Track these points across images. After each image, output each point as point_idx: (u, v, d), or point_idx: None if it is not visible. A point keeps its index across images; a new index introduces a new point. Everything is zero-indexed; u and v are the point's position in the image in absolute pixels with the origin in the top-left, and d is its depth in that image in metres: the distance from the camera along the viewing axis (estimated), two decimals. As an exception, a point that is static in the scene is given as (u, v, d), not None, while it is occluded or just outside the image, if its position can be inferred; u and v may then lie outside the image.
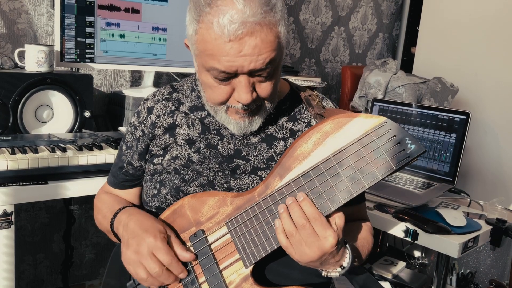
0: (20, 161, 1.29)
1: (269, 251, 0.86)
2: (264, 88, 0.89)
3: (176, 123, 1.02)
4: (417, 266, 2.17)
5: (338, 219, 0.82)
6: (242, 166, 0.97)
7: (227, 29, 0.80)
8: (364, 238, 1.00)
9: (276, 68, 0.89)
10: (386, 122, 0.81)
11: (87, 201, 2.11)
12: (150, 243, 0.86)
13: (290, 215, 0.81)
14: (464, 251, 1.39)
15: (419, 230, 1.42)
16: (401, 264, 2.07)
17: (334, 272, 0.86)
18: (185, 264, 0.90)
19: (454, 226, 1.45)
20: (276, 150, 0.98)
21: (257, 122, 0.94)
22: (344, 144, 0.82)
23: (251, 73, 0.85)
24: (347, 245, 0.86)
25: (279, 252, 0.88)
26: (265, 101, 0.92)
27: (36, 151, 1.35)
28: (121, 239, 0.94)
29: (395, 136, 0.80)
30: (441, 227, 1.42)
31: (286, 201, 0.83)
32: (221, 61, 0.83)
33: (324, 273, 0.87)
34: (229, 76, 0.86)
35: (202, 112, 1.02)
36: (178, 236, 0.92)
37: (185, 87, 1.07)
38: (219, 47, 0.82)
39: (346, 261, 0.85)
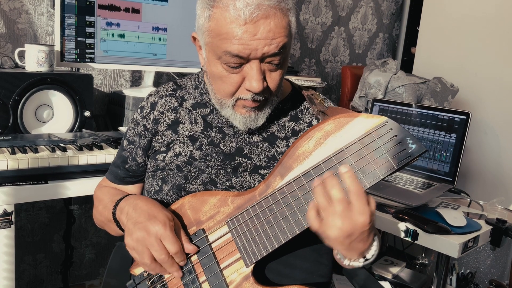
0: (20, 161, 1.29)
1: (270, 250, 0.86)
2: (274, 78, 0.90)
3: (179, 120, 1.03)
4: (417, 266, 2.17)
5: (372, 202, 0.80)
6: (244, 164, 0.97)
7: (244, 12, 0.82)
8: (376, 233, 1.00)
9: (286, 57, 0.90)
10: (387, 122, 0.81)
11: (87, 201, 2.11)
12: (159, 230, 0.86)
13: (325, 184, 0.79)
14: (464, 251, 1.39)
15: (419, 230, 1.42)
16: (401, 264, 2.07)
17: (357, 262, 0.84)
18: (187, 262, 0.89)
19: (454, 226, 1.45)
20: (278, 149, 0.99)
21: (262, 117, 0.95)
22: (345, 144, 0.82)
23: (263, 59, 0.86)
24: (376, 238, 0.84)
25: (280, 252, 0.88)
26: (272, 93, 0.92)
27: (36, 151, 1.35)
28: (125, 221, 0.92)
29: (396, 135, 0.80)
30: (441, 227, 1.42)
31: (324, 175, 0.80)
32: (234, 44, 0.84)
33: (346, 262, 0.85)
34: (241, 62, 0.86)
35: (205, 109, 1.02)
36: (184, 230, 0.92)
37: (188, 84, 1.08)
38: (233, 30, 0.83)
39: (371, 253, 0.84)
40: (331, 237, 0.79)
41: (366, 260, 0.85)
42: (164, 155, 1.01)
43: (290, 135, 1.00)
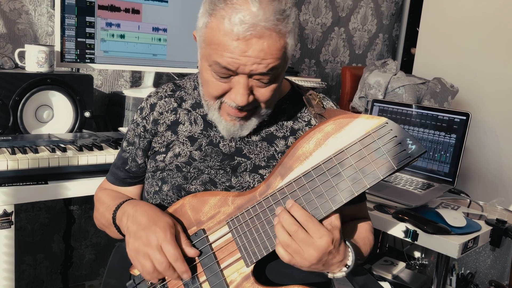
0: (20, 161, 1.29)
1: (270, 250, 0.86)
2: (263, 94, 0.89)
3: (179, 120, 1.03)
4: (417, 267, 2.17)
5: (334, 219, 0.83)
6: (243, 164, 0.98)
7: (237, 28, 0.81)
8: (366, 237, 1.00)
9: (277, 76, 0.89)
10: (387, 123, 0.82)
11: (87, 201, 2.11)
12: (159, 237, 0.86)
13: (283, 226, 0.82)
14: (464, 252, 1.39)
15: (419, 231, 1.43)
16: (401, 265, 2.07)
17: (340, 273, 0.87)
18: (188, 262, 0.90)
19: (454, 226, 1.45)
20: (277, 149, 0.99)
21: (247, 128, 0.95)
22: (346, 145, 0.83)
23: (251, 75, 0.86)
24: (348, 244, 0.87)
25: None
26: (262, 105, 0.92)
27: (36, 151, 1.35)
28: (125, 229, 0.93)
29: (396, 136, 0.81)
30: (441, 228, 1.42)
31: (276, 211, 0.84)
32: (224, 57, 0.84)
33: (330, 275, 0.87)
34: (229, 74, 0.86)
35: (204, 109, 1.02)
36: (185, 230, 0.92)
37: (187, 85, 1.08)
38: (225, 43, 0.83)
39: (350, 260, 0.86)
40: (305, 268, 0.84)
41: (348, 267, 0.86)
42: (164, 155, 1.02)
43: (289, 134, 1.00)
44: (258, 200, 0.88)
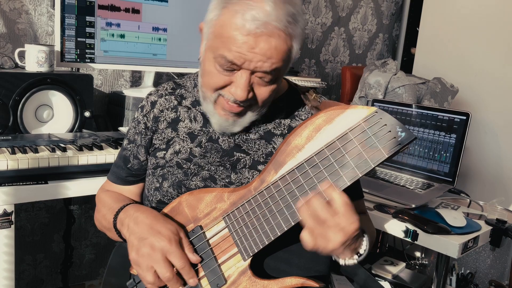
0: (20, 161, 1.29)
1: (267, 243, 0.87)
2: (261, 93, 0.91)
3: (179, 118, 1.04)
4: (417, 267, 2.17)
5: (347, 201, 0.81)
6: (242, 160, 0.99)
7: (249, 24, 0.82)
8: (369, 227, 1.02)
9: (278, 78, 0.91)
10: (377, 112, 0.83)
11: (87, 201, 2.12)
12: (164, 247, 0.86)
13: (310, 206, 0.80)
14: (464, 252, 1.39)
15: (419, 231, 1.42)
16: (401, 265, 2.07)
17: (352, 260, 0.87)
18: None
19: (454, 226, 1.45)
20: (275, 146, 1.00)
21: (240, 125, 0.95)
22: (337, 135, 0.84)
23: (253, 72, 0.87)
24: (365, 232, 0.87)
25: (277, 248, 0.89)
26: (259, 103, 0.93)
27: (36, 151, 1.35)
28: (127, 237, 0.93)
29: (385, 125, 0.82)
30: (441, 228, 1.42)
31: (308, 196, 0.82)
32: (232, 51, 0.85)
33: (342, 262, 0.87)
34: (233, 68, 0.87)
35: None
36: (183, 227, 0.92)
37: (187, 83, 1.09)
38: (235, 37, 0.84)
39: (363, 248, 0.87)
40: (325, 251, 0.81)
41: (360, 255, 0.87)
42: (164, 152, 1.03)
43: (286, 132, 1.01)
44: (253, 194, 0.89)
